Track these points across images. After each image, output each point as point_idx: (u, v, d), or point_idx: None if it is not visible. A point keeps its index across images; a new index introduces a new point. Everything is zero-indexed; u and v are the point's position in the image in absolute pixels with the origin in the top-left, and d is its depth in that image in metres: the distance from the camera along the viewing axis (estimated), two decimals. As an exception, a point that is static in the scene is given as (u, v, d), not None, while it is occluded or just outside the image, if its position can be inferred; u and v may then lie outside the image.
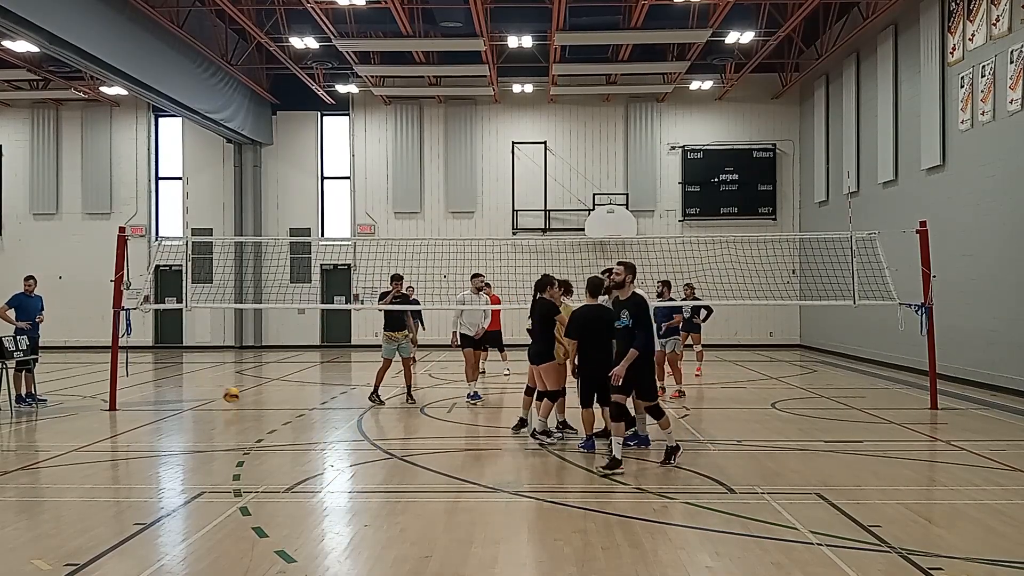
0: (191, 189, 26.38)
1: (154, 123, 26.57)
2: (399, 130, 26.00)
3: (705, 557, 5.68)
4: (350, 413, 12.44)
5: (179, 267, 24.76)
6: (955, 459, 8.84)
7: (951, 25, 15.90)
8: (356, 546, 6.01)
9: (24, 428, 11.29)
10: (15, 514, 6.89)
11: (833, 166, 22.50)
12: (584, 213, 25.18)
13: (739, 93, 24.94)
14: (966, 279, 15.13)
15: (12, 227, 26.42)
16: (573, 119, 25.96)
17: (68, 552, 5.77)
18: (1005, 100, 13.98)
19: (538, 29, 19.84)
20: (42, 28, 14.60)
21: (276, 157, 26.32)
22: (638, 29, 19.04)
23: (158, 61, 18.62)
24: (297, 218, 26.22)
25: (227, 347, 25.73)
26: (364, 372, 19.17)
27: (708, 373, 17.92)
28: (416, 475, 8.26)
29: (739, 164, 25.45)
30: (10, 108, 26.25)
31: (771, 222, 25.43)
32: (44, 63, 21.59)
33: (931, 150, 16.56)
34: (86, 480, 8.09)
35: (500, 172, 25.91)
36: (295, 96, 25.20)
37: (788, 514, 6.64)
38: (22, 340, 12.78)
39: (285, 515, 6.72)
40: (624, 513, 6.74)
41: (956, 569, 5.44)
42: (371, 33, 20.21)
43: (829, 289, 15.81)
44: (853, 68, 20.77)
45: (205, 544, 5.98)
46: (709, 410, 12.57)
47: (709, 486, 7.68)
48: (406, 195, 25.93)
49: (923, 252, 12.71)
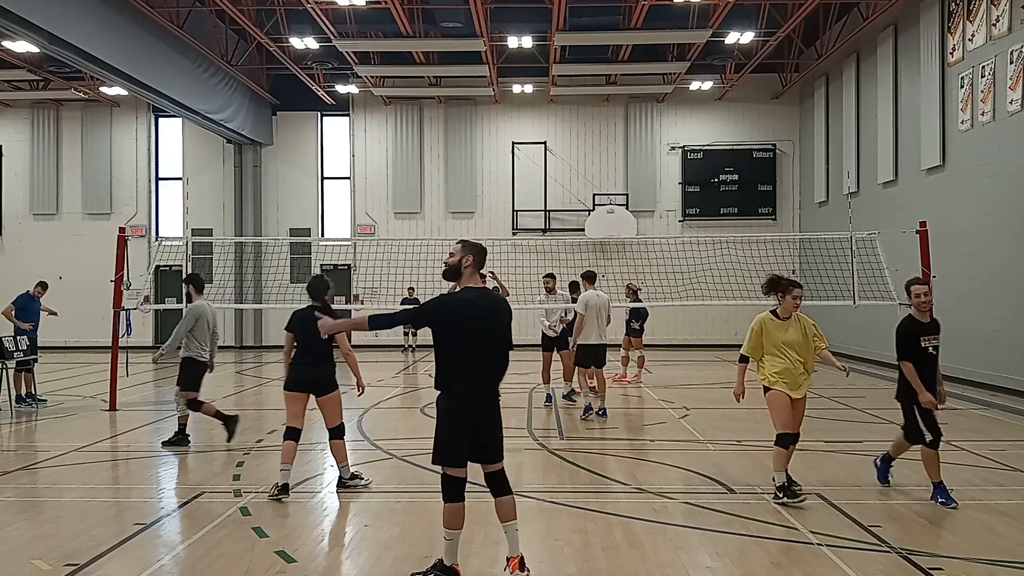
0: (191, 189, 26.37)
1: (154, 123, 26.56)
2: (399, 130, 26.00)
3: (705, 557, 5.68)
4: (350, 413, 12.40)
5: (179, 267, 24.74)
6: (955, 459, 8.84)
7: (951, 25, 15.90)
8: (356, 546, 6.01)
9: (24, 428, 11.30)
10: (15, 514, 6.89)
11: (833, 166, 22.50)
12: (584, 213, 25.19)
13: (739, 93, 24.94)
14: (966, 279, 15.12)
15: (12, 227, 26.42)
16: (573, 119, 25.95)
17: (68, 552, 5.77)
18: (1005, 100, 13.98)
19: (538, 29, 19.84)
20: (42, 28, 14.59)
21: (276, 157, 26.32)
22: (638, 29, 19.04)
23: (158, 61, 18.61)
24: (297, 218, 26.21)
25: (227, 347, 25.69)
26: (364, 372, 19.12)
27: (708, 373, 17.91)
28: (416, 475, 8.26)
29: (739, 164, 25.45)
30: (10, 108, 26.24)
31: (771, 222, 25.42)
32: (44, 63, 21.58)
33: (931, 150, 16.55)
34: (86, 480, 8.10)
35: (500, 172, 25.91)
36: (295, 96, 25.20)
37: (788, 514, 6.64)
38: (22, 340, 12.79)
39: (285, 515, 6.72)
40: (624, 513, 6.74)
41: (956, 569, 5.44)
42: (371, 33, 20.20)
43: (829, 289, 15.83)
44: (853, 68, 20.77)
45: (205, 544, 5.98)
46: (709, 410, 12.56)
47: (709, 486, 7.68)
48: (406, 195, 25.93)
49: (923, 252, 12.71)
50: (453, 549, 5.18)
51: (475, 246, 5.25)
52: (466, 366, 5.07)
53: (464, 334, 5.04)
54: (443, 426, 5.08)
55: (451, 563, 5.20)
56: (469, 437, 5.05)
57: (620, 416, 12.28)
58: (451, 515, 5.11)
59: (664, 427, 11.04)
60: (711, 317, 25.15)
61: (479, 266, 5.23)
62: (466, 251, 5.20)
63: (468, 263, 5.17)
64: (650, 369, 17.28)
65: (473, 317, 5.05)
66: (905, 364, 7.20)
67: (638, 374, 15.98)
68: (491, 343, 5.12)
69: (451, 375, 5.08)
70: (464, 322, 5.04)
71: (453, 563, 5.20)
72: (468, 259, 5.17)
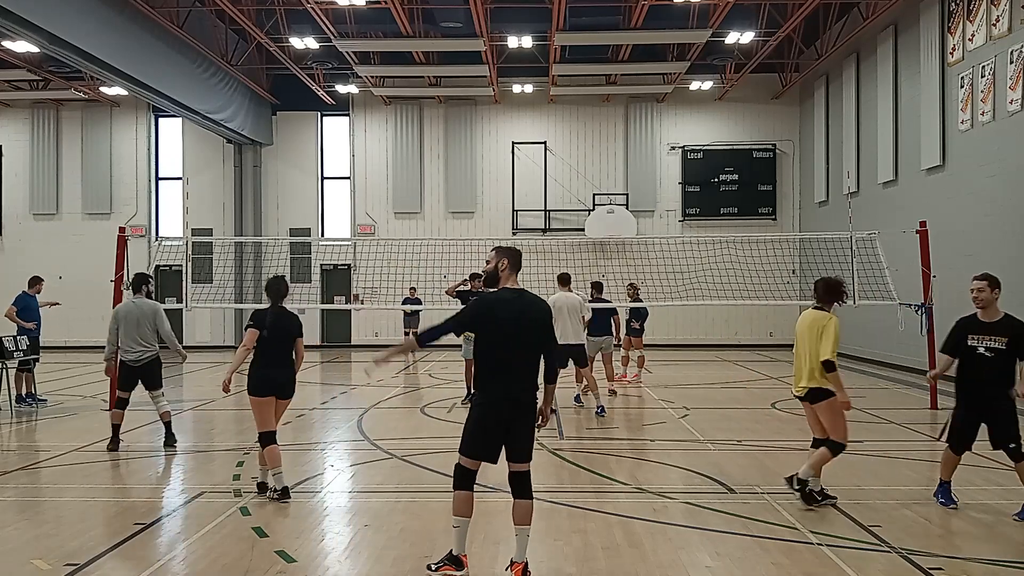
0: (191, 189, 26.37)
1: (154, 123, 26.56)
2: (399, 130, 26.00)
3: (705, 557, 5.68)
4: (350, 413, 12.43)
5: (179, 267, 24.67)
6: (955, 459, 8.83)
7: (951, 25, 15.90)
8: (356, 546, 6.01)
9: (24, 428, 11.30)
10: (15, 514, 6.89)
11: (833, 166, 22.50)
12: (584, 213, 25.19)
13: (739, 93, 24.94)
14: (966, 279, 14.97)
15: (12, 227, 26.42)
16: (573, 119, 25.96)
17: (68, 552, 5.77)
18: (1005, 100, 13.99)
19: (538, 29, 19.84)
20: (42, 28, 14.59)
21: (276, 157, 26.32)
22: (638, 29, 19.04)
23: (158, 61, 18.61)
24: (297, 218, 26.22)
25: (227, 347, 25.70)
26: (364, 372, 19.17)
27: (708, 373, 17.91)
28: (416, 475, 8.26)
29: (739, 164, 25.46)
30: (10, 108, 26.25)
31: (771, 222, 25.43)
32: (44, 63, 21.58)
33: (931, 150, 16.56)
34: (86, 480, 8.10)
35: (500, 172, 25.92)
36: (295, 96, 25.21)
37: (788, 514, 6.64)
38: (22, 340, 12.79)
39: (285, 515, 6.72)
40: (624, 513, 6.74)
41: (956, 569, 5.44)
42: (371, 33, 20.20)
43: (829, 289, 15.79)
44: (853, 68, 20.77)
45: (205, 544, 5.98)
46: (709, 410, 12.57)
47: (709, 486, 7.68)
48: (406, 195, 25.93)
49: (923, 252, 12.71)
50: (461, 537, 5.25)
51: (508, 250, 5.46)
52: (499, 365, 5.19)
53: (497, 333, 5.18)
54: (473, 421, 5.26)
55: (459, 552, 5.26)
56: (497, 435, 5.19)
57: (620, 416, 12.29)
58: (460, 503, 5.23)
59: (664, 427, 11.04)
60: (711, 317, 25.15)
61: (516, 267, 5.40)
62: (500, 255, 5.41)
63: (504, 266, 5.37)
64: (650, 369, 17.28)
65: (506, 317, 5.19)
66: (941, 356, 7.11)
67: (638, 374, 15.98)
68: (525, 343, 5.21)
69: (486, 374, 5.23)
70: (496, 321, 5.19)
71: (461, 553, 5.26)
72: (503, 262, 5.37)
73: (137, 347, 9.47)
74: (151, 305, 9.68)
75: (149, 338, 9.53)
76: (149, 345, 9.54)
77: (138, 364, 9.51)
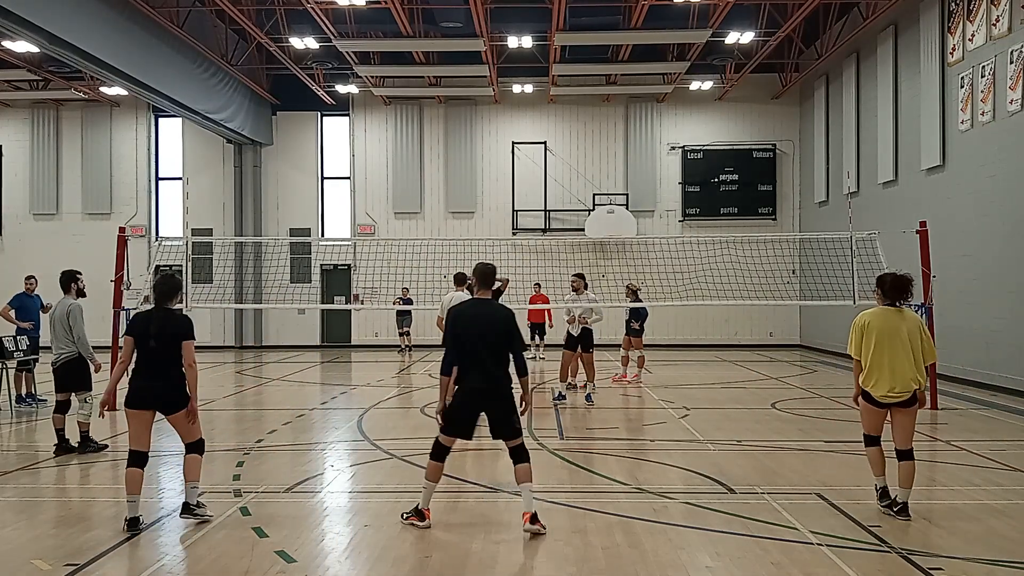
0: (191, 189, 26.36)
1: (154, 123, 26.55)
2: (399, 130, 26.00)
3: (705, 557, 5.68)
4: (350, 413, 12.43)
5: (179, 267, 24.71)
6: (955, 459, 8.84)
7: (951, 25, 15.90)
8: (356, 546, 6.00)
9: (24, 428, 11.29)
10: (15, 514, 6.88)
11: (833, 166, 22.50)
12: (584, 213, 25.18)
13: (739, 93, 24.94)
14: (966, 279, 15.13)
15: (12, 227, 26.41)
16: (573, 119, 25.95)
17: (68, 552, 5.77)
18: (1005, 100, 13.98)
19: (538, 29, 19.84)
20: (42, 28, 14.58)
21: (276, 157, 26.32)
22: (638, 29, 19.04)
23: (158, 61, 18.61)
24: (297, 218, 26.21)
25: (227, 347, 25.72)
26: (364, 372, 19.20)
27: (708, 373, 17.91)
28: (416, 475, 8.23)
29: (739, 164, 25.45)
30: (10, 108, 26.24)
31: (771, 222, 25.42)
32: (44, 63, 21.58)
33: (931, 150, 16.56)
34: (86, 480, 8.09)
35: (500, 172, 25.91)
36: (295, 96, 25.21)
37: (788, 514, 6.64)
38: (22, 340, 12.78)
39: (285, 515, 6.72)
40: (624, 513, 6.73)
41: (956, 569, 5.43)
42: (371, 33, 20.20)
43: (829, 289, 15.83)
44: (853, 68, 20.77)
45: (205, 544, 5.98)
46: (709, 410, 12.57)
47: (709, 486, 7.68)
48: (406, 195, 25.93)
49: (923, 252, 12.72)
50: (427, 496, 6.42)
51: (475, 269, 6.67)
52: (468, 362, 6.29)
53: (461, 336, 6.33)
54: (453, 407, 6.36)
55: (423, 507, 6.39)
56: (470, 418, 6.34)
57: (620, 416, 12.29)
58: (432, 470, 6.40)
59: (664, 427, 11.04)
60: (711, 317, 25.15)
61: (483, 283, 6.60)
62: (472, 275, 6.71)
63: (473, 282, 6.71)
64: (650, 369, 17.28)
65: (469, 322, 6.35)
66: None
67: (638, 374, 15.97)
68: (488, 342, 6.29)
69: (461, 369, 6.33)
70: (463, 326, 6.35)
71: (425, 508, 6.39)
72: (473, 280, 6.70)
73: (55, 349, 9.39)
74: (64, 305, 9.54)
75: (62, 339, 9.37)
76: (63, 347, 9.36)
77: (55, 365, 9.42)
